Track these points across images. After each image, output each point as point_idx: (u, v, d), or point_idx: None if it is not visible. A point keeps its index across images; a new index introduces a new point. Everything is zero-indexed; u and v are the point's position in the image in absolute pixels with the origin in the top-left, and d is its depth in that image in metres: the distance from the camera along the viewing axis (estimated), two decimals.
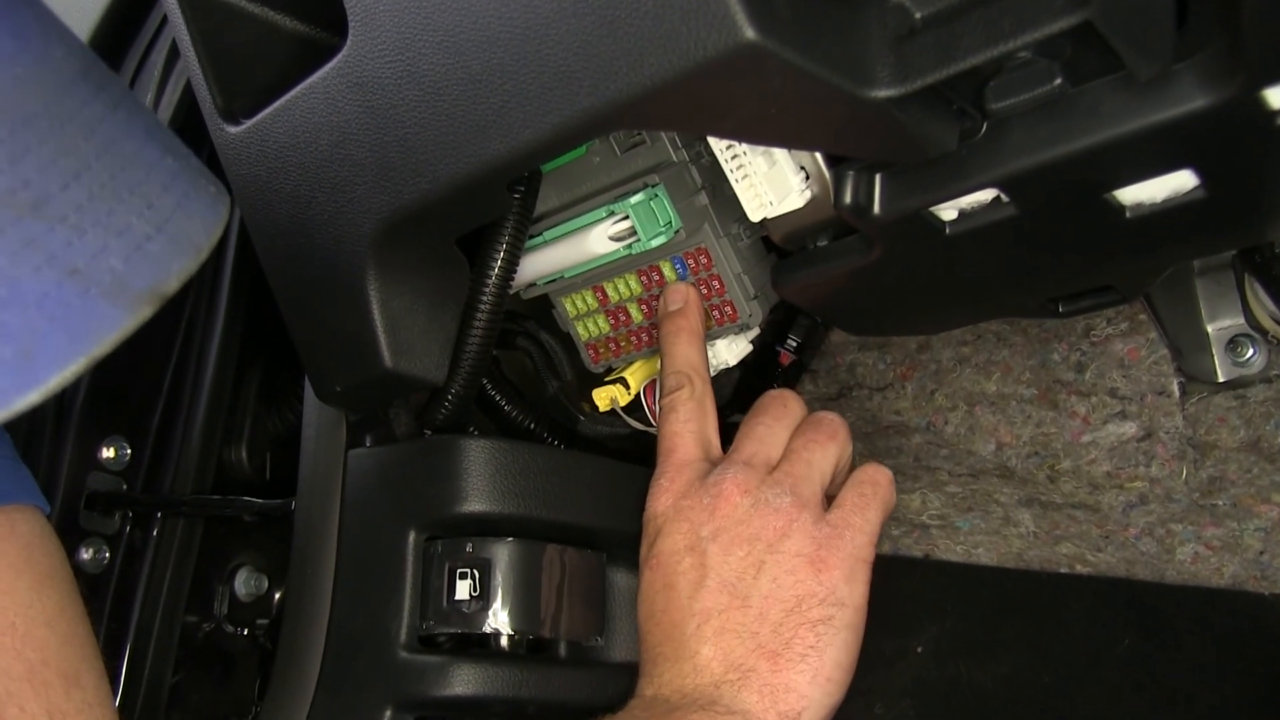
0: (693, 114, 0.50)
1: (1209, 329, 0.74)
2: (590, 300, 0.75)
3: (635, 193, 0.67)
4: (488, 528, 0.66)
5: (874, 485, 0.67)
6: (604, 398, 0.74)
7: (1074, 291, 0.63)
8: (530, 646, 0.68)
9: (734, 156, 0.62)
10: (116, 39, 0.92)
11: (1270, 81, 0.44)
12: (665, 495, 0.67)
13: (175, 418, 0.86)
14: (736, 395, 0.85)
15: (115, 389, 0.85)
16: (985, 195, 0.53)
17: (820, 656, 0.61)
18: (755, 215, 0.62)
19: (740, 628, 0.61)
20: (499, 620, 0.65)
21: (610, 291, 0.74)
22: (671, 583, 0.64)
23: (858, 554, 0.64)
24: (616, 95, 0.48)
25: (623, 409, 0.75)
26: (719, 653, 0.61)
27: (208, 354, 0.86)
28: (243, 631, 0.87)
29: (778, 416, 0.69)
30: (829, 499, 0.67)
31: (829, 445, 0.68)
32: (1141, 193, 0.51)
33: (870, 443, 0.88)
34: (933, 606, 0.75)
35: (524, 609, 0.66)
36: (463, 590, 0.65)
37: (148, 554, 0.83)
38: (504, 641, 0.66)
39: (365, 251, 0.62)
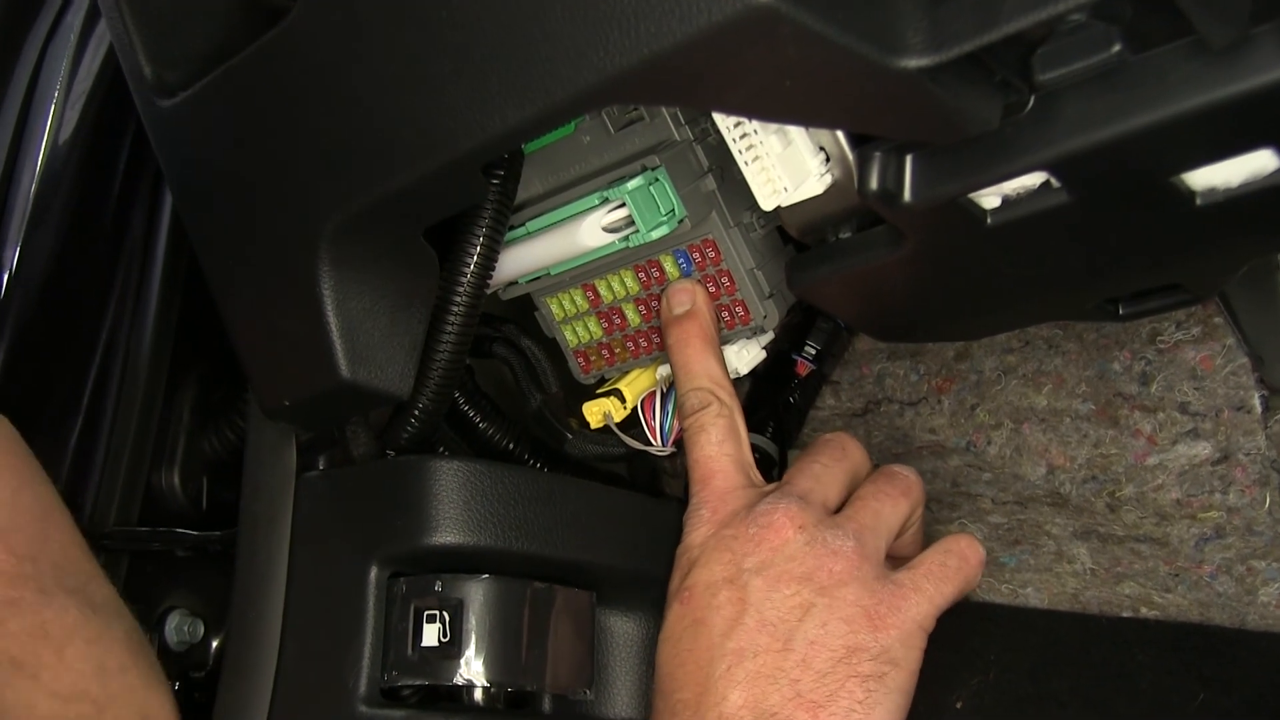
0: (696, 87, 0.51)
1: None
2: (580, 301, 0.75)
3: (632, 176, 0.68)
4: (460, 563, 0.66)
5: (962, 560, 0.67)
6: (596, 413, 0.75)
7: (1136, 291, 0.63)
8: (509, 700, 0.68)
9: (743, 136, 0.62)
10: None
11: None
12: (706, 526, 0.68)
13: (96, 437, 0.87)
14: (746, 410, 0.85)
15: (25, 403, 0.85)
16: (1033, 179, 0.53)
17: (867, 716, 0.61)
18: (767, 203, 0.63)
19: (778, 673, 0.62)
20: (472, 670, 0.65)
21: (603, 290, 0.74)
22: (703, 618, 0.65)
23: (920, 621, 0.64)
24: (609, 65, 0.49)
25: (617, 425, 0.75)
26: (750, 699, 0.62)
27: (135, 362, 0.86)
28: (174, 685, 0.87)
29: (836, 459, 0.71)
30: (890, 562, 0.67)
31: (901, 501, 0.69)
32: (1214, 176, 0.52)
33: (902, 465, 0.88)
34: (974, 656, 0.76)
35: (501, 657, 0.66)
36: (431, 635, 0.66)
37: None
38: (478, 695, 0.67)
39: (319, 245, 0.63)
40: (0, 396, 0.85)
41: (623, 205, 0.68)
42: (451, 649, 0.65)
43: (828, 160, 0.61)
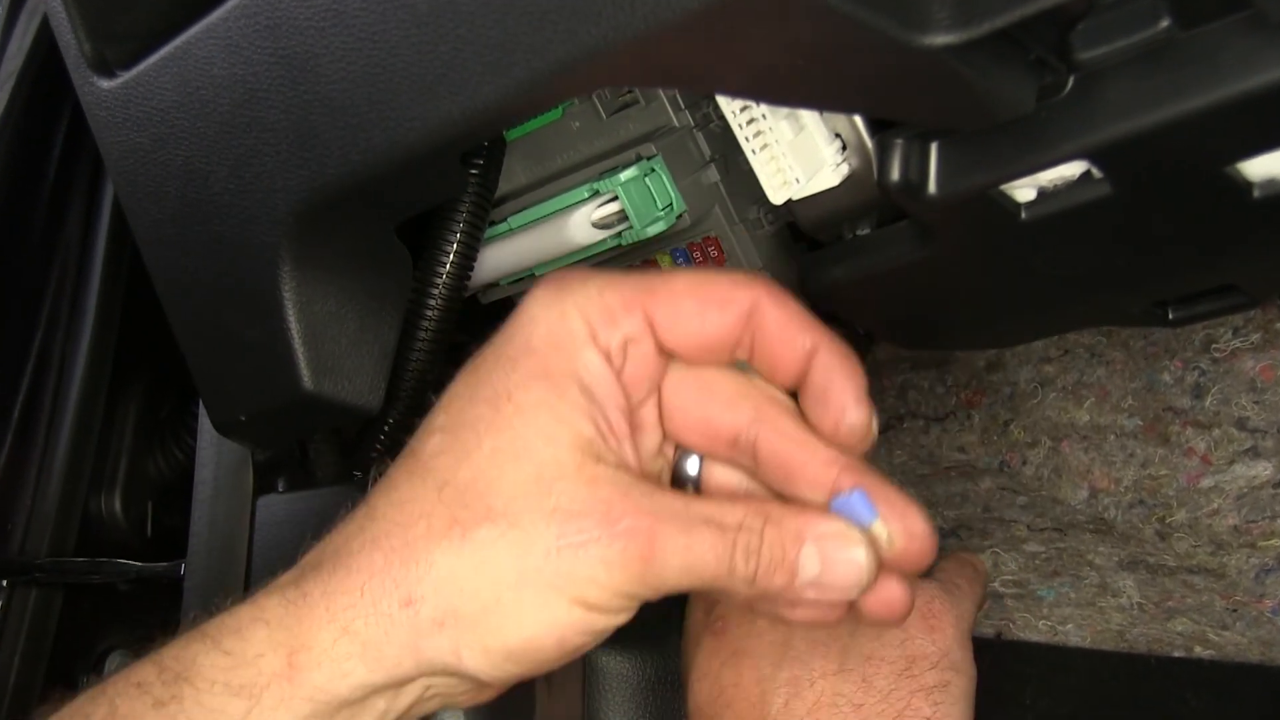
0: (697, 66, 0.51)
1: None
2: None
3: (626, 167, 0.68)
4: None
5: (973, 567, 0.71)
6: None
7: (1188, 293, 0.64)
8: None
9: (750, 121, 0.63)
10: None
11: None
12: None
13: (28, 457, 0.87)
14: None
15: None
16: (1072, 169, 0.54)
17: None
18: (777, 196, 0.63)
19: (839, 698, 0.63)
20: (451, 714, 0.65)
21: None
22: (744, 648, 0.65)
23: (969, 620, 0.66)
24: (600, 41, 0.49)
25: None
26: None
27: (71, 373, 0.86)
28: None
29: None
30: None
31: None
32: (1274, 165, 0.52)
33: (927, 488, 0.88)
34: (1008, 699, 0.76)
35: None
36: None
37: None
38: None
39: (279, 242, 0.63)
40: None
41: (615, 198, 0.68)
42: None
43: (844, 148, 0.62)
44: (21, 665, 0.83)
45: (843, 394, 0.53)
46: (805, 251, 0.72)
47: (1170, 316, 0.65)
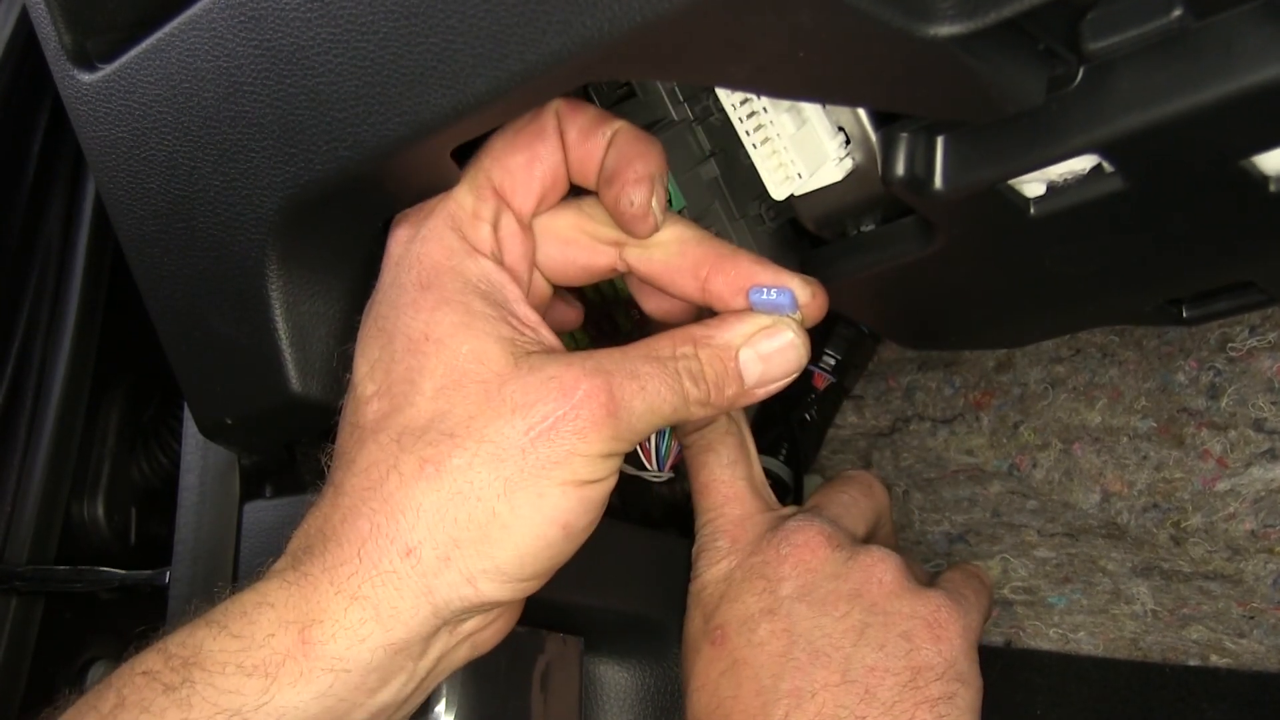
0: (696, 58, 0.51)
1: None
2: None
3: None
4: None
5: (979, 579, 0.71)
6: None
7: (1202, 290, 0.64)
8: None
9: (751, 115, 0.63)
10: None
11: None
12: (728, 558, 0.69)
13: (7, 461, 0.87)
14: (755, 429, 0.86)
15: None
16: (1082, 164, 0.54)
17: None
18: (779, 192, 0.63)
19: (842, 710, 0.62)
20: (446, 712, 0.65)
21: (589, 292, 0.74)
22: (744, 658, 0.65)
23: (977, 630, 0.67)
24: (597, 31, 0.49)
25: None
26: None
27: (52, 375, 0.86)
28: None
29: (865, 494, 0.73)
30: None
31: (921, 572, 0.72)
32: None
33: (934, 492, 0.88)
34: (1019, 709, 0.76)
35: (478, 711, 0.66)
36: None
37: None
38: None
39: (265, 239, 0.63)
40: None
41: None
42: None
43: (848, 142, 0.62)
44: (0, 677, 0.83)
45: (634, 173, 0.59)
46: (808, 249, 0.72)
47: (1185, 315, 0.65)
